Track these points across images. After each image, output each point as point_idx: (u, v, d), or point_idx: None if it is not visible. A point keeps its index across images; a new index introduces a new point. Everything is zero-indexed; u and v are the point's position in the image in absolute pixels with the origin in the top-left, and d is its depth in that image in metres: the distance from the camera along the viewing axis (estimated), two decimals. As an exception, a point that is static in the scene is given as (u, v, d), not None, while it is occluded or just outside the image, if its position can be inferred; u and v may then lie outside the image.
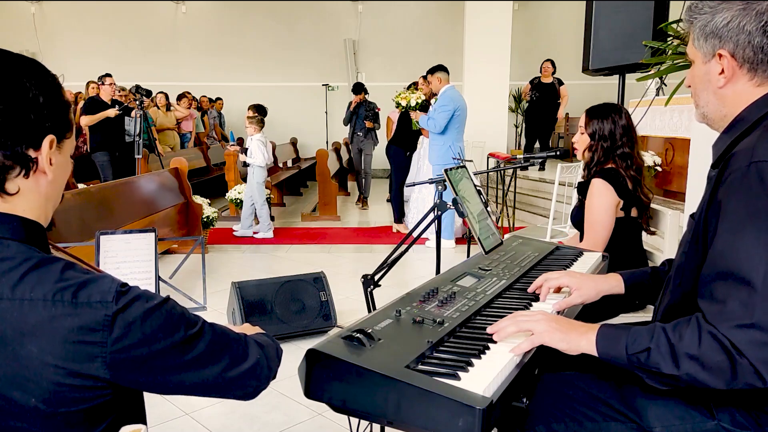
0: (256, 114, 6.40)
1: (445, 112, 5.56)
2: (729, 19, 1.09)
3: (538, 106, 8.51)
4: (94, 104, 6.61)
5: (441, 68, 5.79)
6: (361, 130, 7.86)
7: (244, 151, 6.29)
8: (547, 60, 8.49)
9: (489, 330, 1.19)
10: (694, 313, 1.06)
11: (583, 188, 2.30)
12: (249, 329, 1.15)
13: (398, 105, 6.39)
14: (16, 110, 0.82)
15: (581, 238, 2.32)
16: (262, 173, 6.18)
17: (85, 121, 6.50)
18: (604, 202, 2.18)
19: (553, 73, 8.45)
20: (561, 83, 8.50)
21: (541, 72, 8.53)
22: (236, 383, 0.95)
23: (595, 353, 1.12)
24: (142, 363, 0.84)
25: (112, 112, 6.54)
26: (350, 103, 7.98)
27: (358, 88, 7.90)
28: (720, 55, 1.11)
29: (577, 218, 2.36)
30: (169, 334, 0.85)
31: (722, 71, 1.12)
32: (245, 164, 6.29)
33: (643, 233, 2.35)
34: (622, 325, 1.15)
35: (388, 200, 8.18)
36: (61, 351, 0.79)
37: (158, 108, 9.05)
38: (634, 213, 2.25)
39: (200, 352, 0.89)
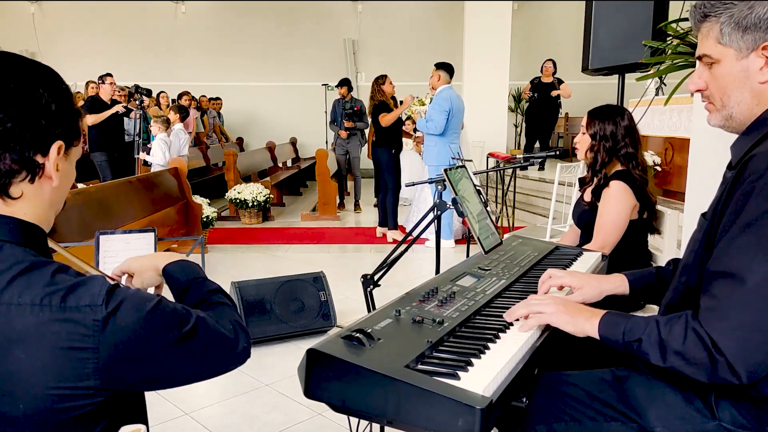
0: (171, 113, 6.33)
1: (442, 112, 5.51)
2: None
3: (538, 106, 8.50)
4: (95, 103, 6.63)
5: (446, 67, 5.70)
6: (346, 130, 7.65)
7: (147, 150, 6.20)
8: (549, 60, 8.49)
9: (504, 315, 1.27)
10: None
11: (597, 191, 2.28)
12: (161, 257, 1.14)
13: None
14: (28, 116, 0.83)
15: (587, 239, 2.32)
16: None
17: (92, 119, 6.50)
18: (622, 205, 2.17)
19: (554, 73, 8.45)
20: (561, 82, 8.50)
21: (542, 72, 8.52)
22: (221, 369, 0.95)
23: (596, 336, 1.18)
24: (134, 364, 0.82)
25: (119, 108, 6.55)
26: (336, 103, 7.78)
27: (341, 83, 7.69)
28: (765, 47, 1.06)
29: (585, 220, 2.34)
30: (163, 335, 0.84)
31: (765, 64, 1.07)
32: (145, 163, 6.15)
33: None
34: (624, 314, 1.18)
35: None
36: (50, 357, 0.78)
37: (160, 108, 9.05)
38: (645, 215, 2.25)
39: (194, 350, 0.88)
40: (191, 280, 1.07)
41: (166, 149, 6.03)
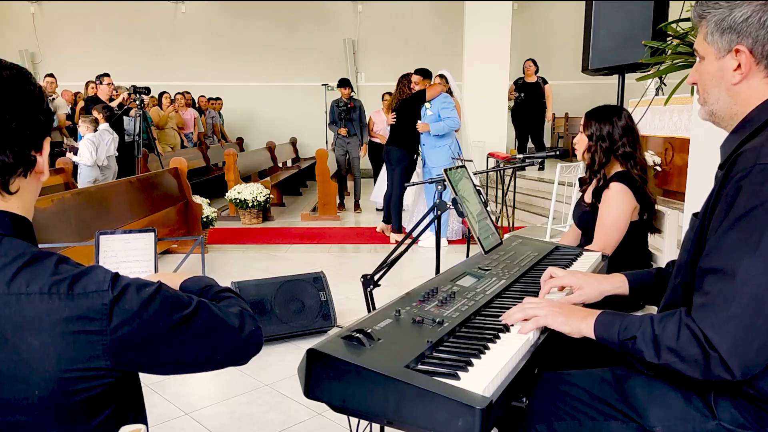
0: (94, 114, 6.31)
1: (453, 109, 5.59)
2: (749, 14, 1.07)
3: (525, 106, 8.53)
4: (95, 103, 6.64)
5: (430, 73, 5.86)
6: (345, 127, 7.66)
7: (75, 150, 6.13)
8: (529, 60, 8.53)
9: (501, 318, 1.27)
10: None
11: (597, 193, 2.28)
12: (175, 276, 1.16)
13: None
14: (28, 114, 0.87)
15: (587, 240, 2.31)
16: (91, 172, 5.99)
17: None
18: (622, 207, 2.17)
19: (536, 72, 8.47)
20: (545, 82, 8.53)
21: (523, 72, 8.55)
22: (232, 355, 0.97)
23: (593, 336, 1.19)
24: (142, 346, 0.86)
25: (124, 95, 6.70)
26: (333, 103, 7.81)
27: (341, 83, 7.68)
28: (737, 51, 1.10)
29: (586, 221, 2.34)
30: (166, 316, 0.88)
31: (738, 67, 1.11)
32: (75, 164, 6.09)
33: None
34: (619, 313, 1.19)
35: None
36: (62, 342, 0.81)
37: (161, 108, 9.05)
38: (645, 216, 2.25)
39: (198, 331, 0.91)
40: (202, 288, 1.11)
41: (93, 149, 5.96)
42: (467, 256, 2.25)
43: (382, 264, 1.65)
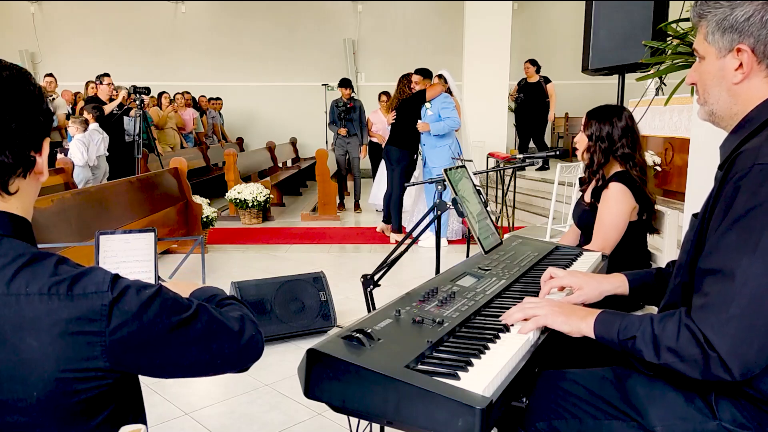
0: (84, 114, 6.32)
1: (453, 110, 5.59)
2: (750, 14, 1.07)
3: (527, 107, 8.53)
4: (97, 102, 6.66)
5: (430, 72, 5.85)
6: (345, 127, 7.68)
7: (65, 151, 6.15)
8: (527, 61, 8.53)
9: (501, 318, 1.27)
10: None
11: (596, 193, 2.28)
12: (185, 285, 1.17)
13: None
14: (28, 115, 0.87)
15: (587, 239, 2.31)
16: (82, 172, 6.04)
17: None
18: (620, 207, 2.17)
19: (537, 71, 8.47)
20: (548, 81, 8.52)
21: (525, 72, 8.56)
22: (232, 360, 0.97)
23: (592, 335, 1.19)
24: (141, 348, 0.86)
25: (123, 94, 6.79)
26: (333, 103, 7.83)
27: (342, 83, 7.66)
28: (738, 50, 1.09)
29: (585, 221, 2.34)
30: (165, 319, 0.88)
31: (740, 66, 1.10)
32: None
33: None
34: (619, 312, 1.19)
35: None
36: (61, 343, 0.81)
37: (160, 108, 9.05)
38: (644, 216, 2.25)
39: (197, 334, 0.91)
40: (208, 297, 1.12)
41: (84, 149, 6.01)
42: (467, 256, 2.25)
43: (382, 264, 1.65)
